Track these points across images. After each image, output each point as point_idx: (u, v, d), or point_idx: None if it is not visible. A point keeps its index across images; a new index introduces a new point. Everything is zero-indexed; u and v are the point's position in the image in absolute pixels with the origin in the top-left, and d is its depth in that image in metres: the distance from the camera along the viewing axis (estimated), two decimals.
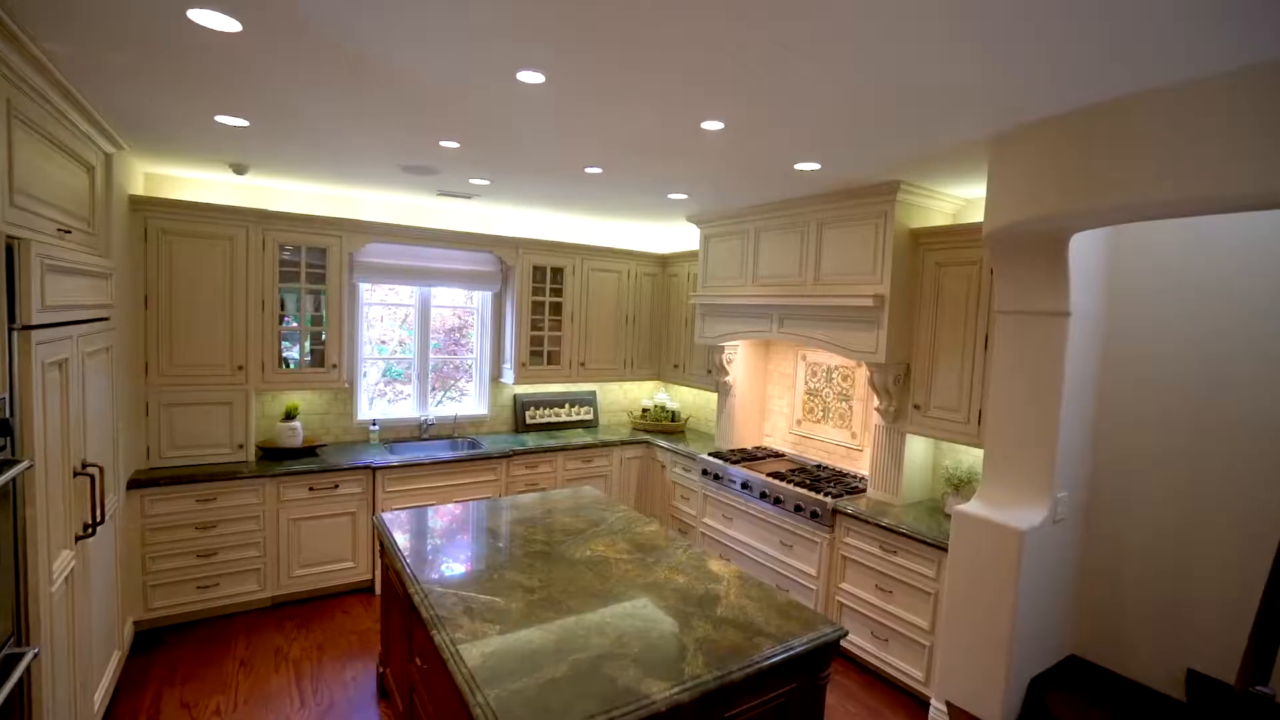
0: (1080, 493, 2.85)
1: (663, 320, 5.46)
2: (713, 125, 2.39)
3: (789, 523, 3.73)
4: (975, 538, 2.67)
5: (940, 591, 2.95)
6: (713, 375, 4.85)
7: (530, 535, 2.76)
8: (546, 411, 5.19)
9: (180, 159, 3.42)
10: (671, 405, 5.45)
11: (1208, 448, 2.61)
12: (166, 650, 3.33)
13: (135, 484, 3.36)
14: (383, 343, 4.73)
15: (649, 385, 5.87)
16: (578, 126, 2.49)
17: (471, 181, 3.66)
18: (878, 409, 3.52)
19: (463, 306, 4.99)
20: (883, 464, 3.56)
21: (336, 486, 3.91)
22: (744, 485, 4.04)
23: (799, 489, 3.67)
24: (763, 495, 3.89)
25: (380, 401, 4.69)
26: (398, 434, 4.66)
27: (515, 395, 5.11)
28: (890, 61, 1.74)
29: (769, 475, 3.93)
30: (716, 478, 4.30)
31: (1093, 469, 2.90)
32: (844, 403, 4.17)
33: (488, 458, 4.37)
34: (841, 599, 3.44)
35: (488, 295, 5.00)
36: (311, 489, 3.84)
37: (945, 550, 2.89)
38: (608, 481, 4.96)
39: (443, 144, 2.82)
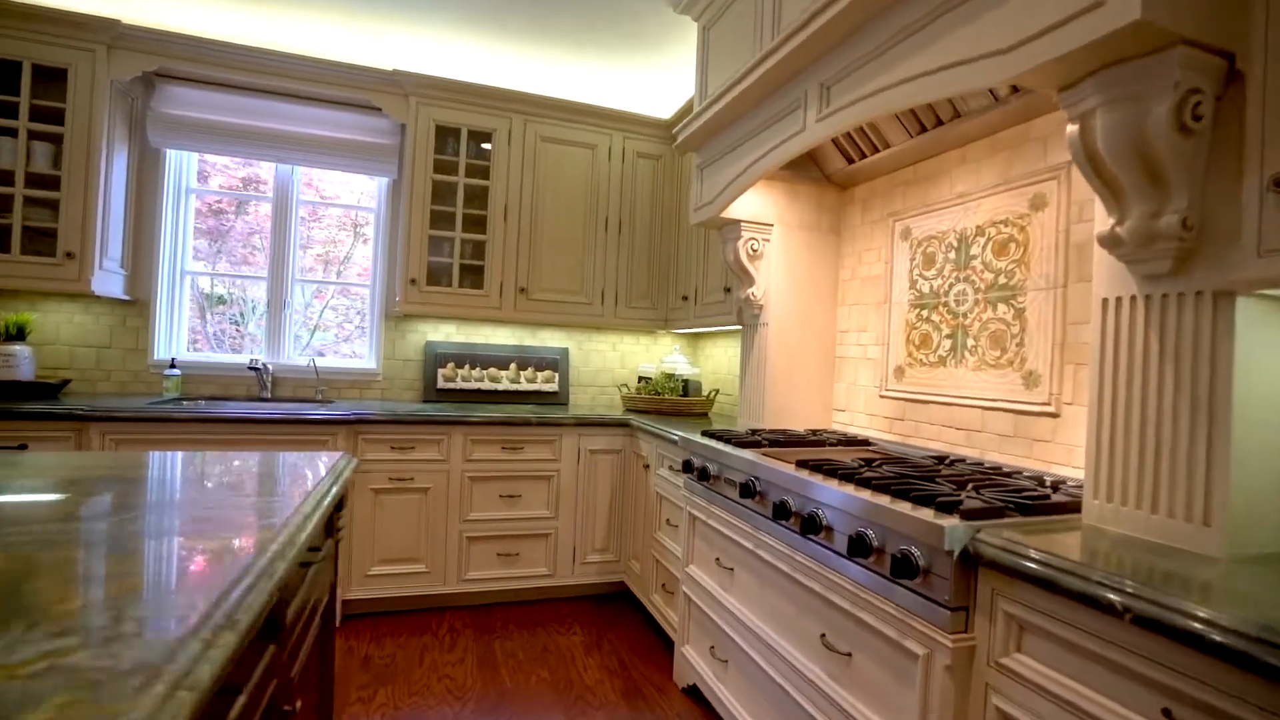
0: None
1: (671, 230, 3.33)
2: None
3: (843, 588, 1.38)
4: None
5: None
6: (732, 296, 2.62)
7: None
8: (475, 373, 3.24)
9: None
10: (686, 371, 3.24)
11: None
12: None
13: None
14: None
15: (663, 344, 3.70)
16: None
17: None
18: (1105, 239, 1.11)
19: (349, 206, 3.28)
20: (1142, 421, 1.11)
21: (24, 448, 2.26)
22: (745, 490, 1.74)
23: (865, 493, 1.33)
24: (781, 512, 1.57)
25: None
26: (225, 388, 2.97)
27: (429, 343, 3.24)
28: None
29: (800, 465, 1.61)
30: (705, 475, 2.03)
31: None
32: (1006, 305, 1.75)
33: (311, 423, 2.50)
34: None
35: (383, 185, 3.25)
36: None
37: None
38: (553, 486, 2.85)
39: None
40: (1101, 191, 1.11)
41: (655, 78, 3.24)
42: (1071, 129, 1.11)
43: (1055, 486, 1.40)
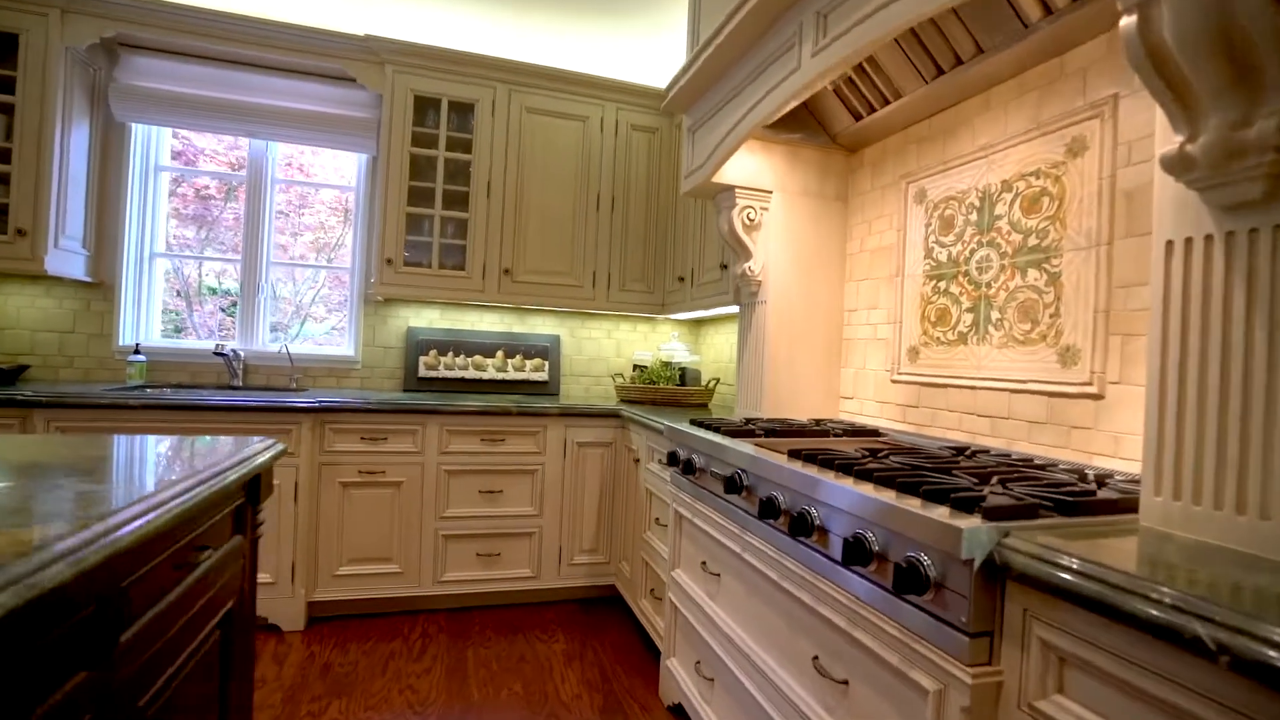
0: None
1: (668, 207, 3.10)
2: None
3: (838, 601, 1.14)
4: None
5: None
6: (728, 273, 2.39)
7: None
8: (460, 361, 3.05)
9: None
10: (684, 359, 3.01)
11: None
12: None
13: None
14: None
15: (662, 331, 3.47)
16: None
17: None
18: (1172, 162, 0.86)
19: (338, 187, 3.11)
20: (1221, 398, 0.87)
21: None
22: (731, 485, 1.51)
23: (864, 487, 1.10)
24: (768, 510, 1.34)
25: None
26: (195, 375, 2.82)
27: (410, 329, 3.05)
28: None
29: (792, 456, 1.38)
30: (690, 468, 1.81)
31: None
32: (1038, 270, 1.49)
33: (273, 410, 2.32)
34: None
35: (363, 162, 3.07)
36: None
37: None
38: (537, 482, 2.65)
39: None
40: (1166, 99, 0.87)
41: (651, 44, 3.01)
42: (1127, 22, 0.87)
43: (1101, 481, 1.15)
